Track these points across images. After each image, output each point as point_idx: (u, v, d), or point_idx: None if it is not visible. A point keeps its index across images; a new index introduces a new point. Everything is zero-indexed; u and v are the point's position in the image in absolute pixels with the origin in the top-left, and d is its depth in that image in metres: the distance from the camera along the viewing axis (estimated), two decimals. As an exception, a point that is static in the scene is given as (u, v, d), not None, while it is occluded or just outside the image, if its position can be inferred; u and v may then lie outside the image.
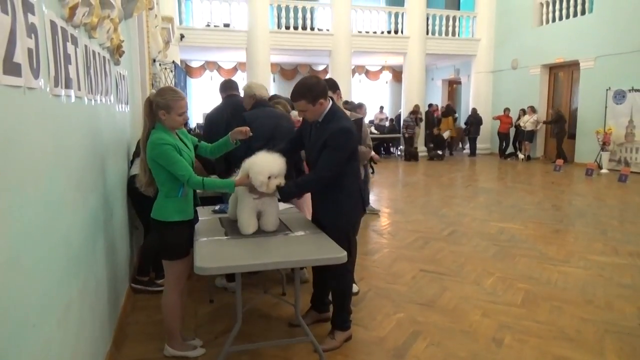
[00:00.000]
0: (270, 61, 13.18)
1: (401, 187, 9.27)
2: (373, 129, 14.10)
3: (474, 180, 10.06)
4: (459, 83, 17.60)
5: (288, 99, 4.66)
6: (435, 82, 18.29)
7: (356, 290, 3.51)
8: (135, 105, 4.37)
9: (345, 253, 2.29)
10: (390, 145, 15.18)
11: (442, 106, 16.06)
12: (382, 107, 17.10)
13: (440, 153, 13.68)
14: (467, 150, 15.07)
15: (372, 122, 15.59)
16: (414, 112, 13.54)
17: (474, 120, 14.22)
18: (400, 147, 14.48)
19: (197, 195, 2.64)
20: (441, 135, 14.05)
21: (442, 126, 14.41)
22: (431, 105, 15.15)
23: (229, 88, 4.18)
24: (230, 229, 2.65)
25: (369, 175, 5.23)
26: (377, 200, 6.77)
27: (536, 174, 10.71)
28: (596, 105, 11.11)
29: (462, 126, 15.32)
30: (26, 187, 1.44)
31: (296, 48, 13.36)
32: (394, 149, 15.19)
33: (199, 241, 2.44)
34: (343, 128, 2.55)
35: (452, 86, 18.28)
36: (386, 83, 18.60)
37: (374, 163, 10.54)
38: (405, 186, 9.28)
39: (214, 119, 4.04)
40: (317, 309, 3.09)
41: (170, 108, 2.34)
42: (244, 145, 3.29)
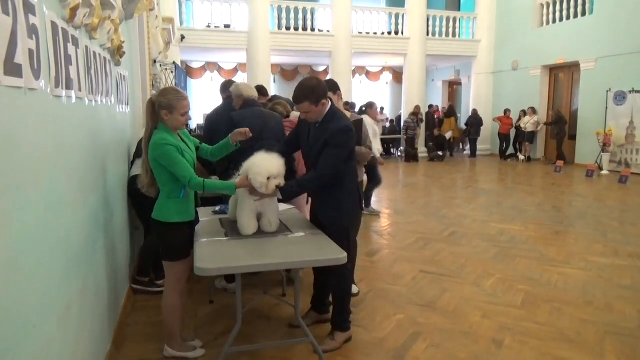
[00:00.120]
0: (271, 62, 13.19)
1: (401, 188, 9.26)
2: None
3: (474, 182, 10.06)
4: (459, 84, 17.60)
5: (288, 100, 4.67)
6: (436, 83, 18.29)
7: (356, 291, 3.51)
8: (135, 106, 4.37)
9: (345, 254, 2.30)
10: (391, 146, 15.19)
11: (443, 107, 16.06)
12: (382, 108, 17.08)
13: (440, 154, 13.68)
14: (467, 152, 15.07)
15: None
16: (415, 114, 13.53)
17: (475, 122, 14.21)
18: (400, 148, 14.48)
19: (198, 196, 2.64)
20: (442, 136, 14.04)
21: (444, 127, 14.41)
22: (431, 106, 15.15)
23: (229, 89, 4.18)
24: (230, 229, 2.65)
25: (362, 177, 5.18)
26: (378, 202, 6.76)
27: (536, 175, 10.71)
28: (597, 106, 11.12)
29: (463, 127, 15.33)
30: (27, 187, 1.44)
31: (297, 49, 13.37)
32: (394, 149, 15.20)
33: (199, 242, 2.44)
34: (344, 127, 2.60)
35: (453, 87, 18.28)
36: (386, 84, 18.61)
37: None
38: (406, 187, 9.28)
39: (214, 119, 4.04)
40: (317, 310, 3.09)
41: (173, 108, 2.35)
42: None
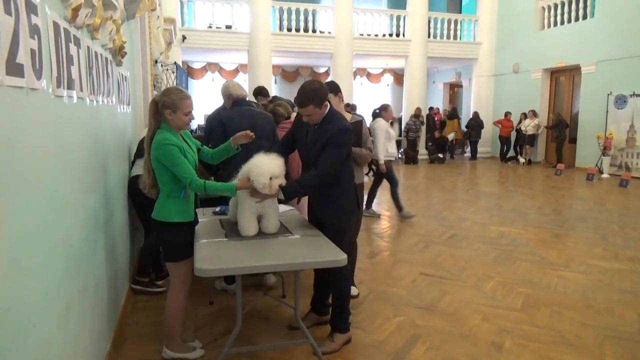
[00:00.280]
0: (272, 63, 13.21)
1: (402, 190, 9.19)
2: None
3: (474, 184, 10.06)
4: (460, 86, 17.61)
5: (289, 101, 4.67)
6: (437, 85, 18.30)
7: (356, 293, 3.51)
8: (136, 106, 4.37)
9: (345, 256, 2.30)
10: (391, 147, 15.15)
11: (445, 109, 16.05)
12: (383, 110, 17.08)
13: (441, 156, 13.67)
14: (467, 154, 15.05)
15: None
16: (417, 116, 13.53)
17: (475, 124, 14.21)
18: (400, 150, 14.47)
19: (197, 197, 2.64)
20: (443, 138, 14.02)
21: (447, 128, 14.40)
22: (432, 108, 15.14)
23: None
24: (230, 230, 2.65)
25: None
26: (378, 203, 6.76)
27: (537, 178, 10.71)
28: (597, 109, 11.12)
29: (464, 129, 15.33)
30: (28, 187, 1.44)
31: (298, 50, 13.39)
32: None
33: (199, 243, 2.44)
34: (343, 128, 2.66)
35: (454, 89, 18.29)
36: (387, 86, 18.60)
37: (375, 166, 10.57)
38: (406, 189, 9.25)
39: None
40: (317, 312, 3.09)
41: (176, 107, 2.34)
42: (220, 145, 3.29)
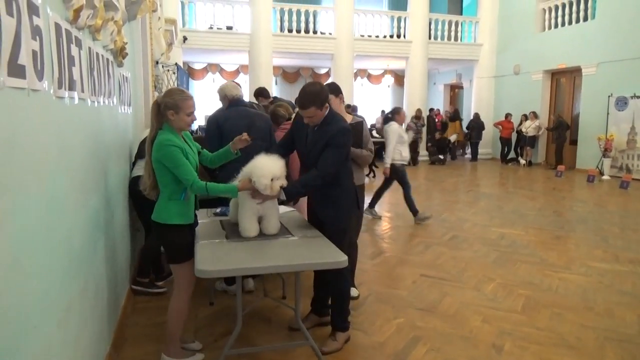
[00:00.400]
0: (273, 64, 13.22)
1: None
2: (375, 133, 14.09)
3: (475, 185, 10.06)
4: (461, 88, 17.61)
5: (290, 102, 4.68)
6: (437, 86, 18.31)
7: (356, 295, 3.51)
8: (137, 106, 4.38)
9: (346, 257, 2.30)
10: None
11: (446, 110, 16.05)
12: (383, 111, 17.08)
13: (441, 157, 13.67)
14: (468, 155, 15.04)
15: (373, 125, 15.58)
16: (418, 117, 13.52)
17: (476, 125, 14.21)
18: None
19: (197, 199, 2.63)
20: (443, 139, 14.01)
21: (449, 130, 14.40)
22: (432, 109, 15.14)
23: None
24: (231, 231, 2.65)
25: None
26: (378, 205, 6.75)
27: (537, 179, 10.70)
28: (598, 111, 11.11)
29: (465, 131, 15.33)
30: (29, 187, 1.44)
31: (299, 51, 13.40)
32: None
33: (199, 243, 2.44)
34: (343, 129, 2.69)
35: (454, 91, 18.29)
36: (388, 87, 18.62)
37: (375, 167, 10.58)
38: (406, 190, 9.25)
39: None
40: (318, 313, 3.09)
41: (179, 108, 2.34)
42: (215, 146, 3.29)
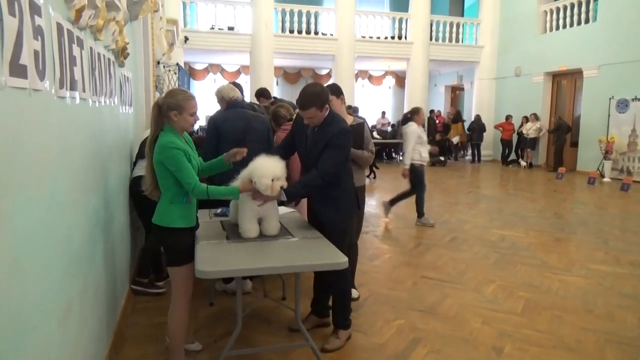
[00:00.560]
0: (274, 64, 13.23)
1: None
2: (375, 134, 14.10)
3: (475, 187, 10.05)
4: (462, 89, 17.62)
5: (291, 102, 4.68)
6: (438, 88, 18.31)
7: (356, 296, 3.51)
8: (139, 106, 4.38)
9: (346, 259, 2.30)
10: (392, 150, 15.17)
11: (448, 112, 16.06)
12: (384, 113, 17.10)
13: (442, 159, 13.67)
14: (468, 157, 15.04)
15: (374, 127, 15.59)
16: (419, 119, 13.52)
17: (477, 127, 14.21)
18: (401, 153, 14.46)
19: (199, 201, 2.62)
20: (444, 141, 14.01)
21: (451, 132, 14.41)
22: (432, 111, 15.15)
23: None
24: (231, 232, 2.65)
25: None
26: (378, 205, 6.75)
27: (538, 181, 10.70)
28: (599, 113, 11.11)
29: (466, 132, 15.33)
30: (30, 187, 1.44)
31: (300, 52, 13.41)
32: (395, 154, 15.18)
33: (200, 244, 2.44)
34: (343, 129, 2.70)
35: (455, 92, 18.30)
36: (389, 88, 18.63)
37: (376, 168, 10.59)
38: (407, 192, 9.24)
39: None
40: (318, 314, 3.09)
41: (182, 108, 2.31)
42: (212, 147, 3.28)
